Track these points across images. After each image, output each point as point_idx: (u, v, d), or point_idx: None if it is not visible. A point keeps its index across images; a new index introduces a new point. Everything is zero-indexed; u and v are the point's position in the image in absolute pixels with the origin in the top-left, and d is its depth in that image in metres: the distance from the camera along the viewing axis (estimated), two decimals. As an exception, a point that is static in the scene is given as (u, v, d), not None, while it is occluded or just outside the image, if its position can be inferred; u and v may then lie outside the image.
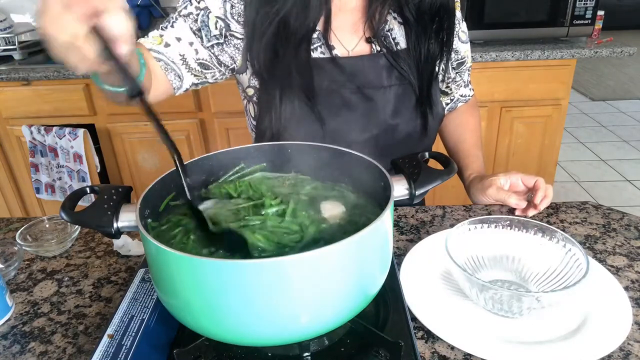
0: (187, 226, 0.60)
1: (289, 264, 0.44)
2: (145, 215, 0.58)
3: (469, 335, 0.60)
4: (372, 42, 0.90)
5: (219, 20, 0.86)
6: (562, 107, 2.00)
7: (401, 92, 0.90)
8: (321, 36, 0.87)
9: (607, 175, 3.10)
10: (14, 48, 2.12)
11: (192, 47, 0.86)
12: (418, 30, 0.88)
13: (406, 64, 0.89)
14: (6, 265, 0.77)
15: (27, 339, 0.65)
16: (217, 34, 0.87)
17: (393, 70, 0.89)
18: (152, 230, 0.59)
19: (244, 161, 0.69)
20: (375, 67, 0.88)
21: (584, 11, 1.97)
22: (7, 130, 2.06)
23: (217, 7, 0.86)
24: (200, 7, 0.86)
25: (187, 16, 0.86)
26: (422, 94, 0.91)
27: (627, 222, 0.86)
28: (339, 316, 0.50)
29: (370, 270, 0.52)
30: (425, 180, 0.56)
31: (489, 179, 0.92)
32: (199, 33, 0.86)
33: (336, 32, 0.89)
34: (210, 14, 0.86)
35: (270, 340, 0.50)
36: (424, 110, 0.92)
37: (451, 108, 1.10)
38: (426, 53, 0.89)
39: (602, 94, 4.53)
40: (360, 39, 0.90)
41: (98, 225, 0.54)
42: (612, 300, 0.65)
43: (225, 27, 0.87)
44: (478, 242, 0.73)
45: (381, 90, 0.89)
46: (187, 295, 0.49)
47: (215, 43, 0.87)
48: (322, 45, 0.88)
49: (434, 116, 0.94)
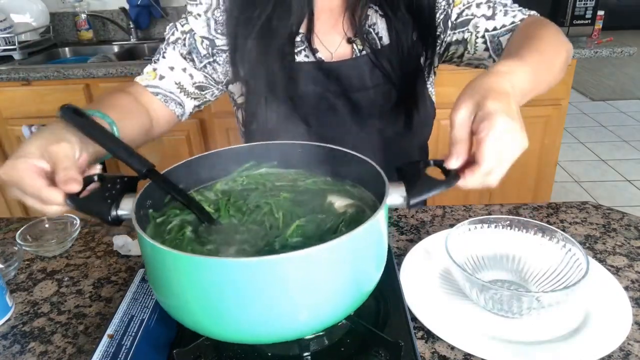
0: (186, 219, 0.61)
1: (284, 262, 0.44)
2: (146, 205, 0.59)
3: (469, 335, 0.60)
4: (354, 42, 0.87)
5: (204, 39, 0.88)
6: (562, 107, 2.00)
7: (386, 91, 0.88)
8: (304, 39, 0.86)
9: (607, 175, 3.10)
10: (14, 48, 2.12)
11: (187, 73, 0.89)
12: (398, 23, 0.85)
13: (389, 61, 0.86)
14: (6, 265, 0.77)
15: (27, 339, 0.65)
16: (206, 54, 0.89)
17: (376, 70, 0.87)
18: (152, 220, 0.60)
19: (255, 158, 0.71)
20: (358, 69, 0.87)
21: (584, 11, 1.97)
22: (7, 130, 2.06)
23: (201, 27, 0.88)
24: (185, 31, 0.88)
25: (175, 43, 0.88)
26: (406, 90, 0.88)
27: (627, 222, 0.86)
28: (335, 313, 0.51)
29: (365, 267, 0.52)
30: (421, 190, 0.54)
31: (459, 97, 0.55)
32: (189, 56, 0.88)
33: (319, 34, 0.87)
34: (196, 35, 0.88)
35: (268, 338, 0.50)
36: (408, 107, 0.89)
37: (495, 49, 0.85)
38: (409, 46, 0.86)
39: (602, 94, 4.53)
40: (342, 40, 0.88)
41: (96, 212, 0.54)
42: (612, 300, 0.65)
43: (210, 45, 0.88)
44: (478, 242, 0.73)
45: (365, 92, 0.87)
46: (183, 294, 0.49)
47: (206, 63, 0.89)
48: (306, 48, 0.87)
49: (420, 113, 0.91)
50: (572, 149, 3.48)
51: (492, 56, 0.86)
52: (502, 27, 0.84)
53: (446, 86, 1.67)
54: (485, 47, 0.85)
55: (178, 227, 0.60)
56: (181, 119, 0.93)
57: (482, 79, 0.55)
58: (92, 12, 2.45)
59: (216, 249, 0.56)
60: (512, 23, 0.83)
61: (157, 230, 0.59)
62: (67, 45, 2.43)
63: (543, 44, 0.67)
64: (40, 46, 2.31)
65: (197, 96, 0.92)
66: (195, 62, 0.89)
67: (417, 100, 0.90)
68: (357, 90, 0.87)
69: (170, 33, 0.89)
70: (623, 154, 3.37)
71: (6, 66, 2.02)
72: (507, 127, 0.50)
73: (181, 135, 2.03)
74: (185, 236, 0.58)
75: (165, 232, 0.59)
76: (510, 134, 0.51)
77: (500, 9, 0.85)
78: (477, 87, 0.53)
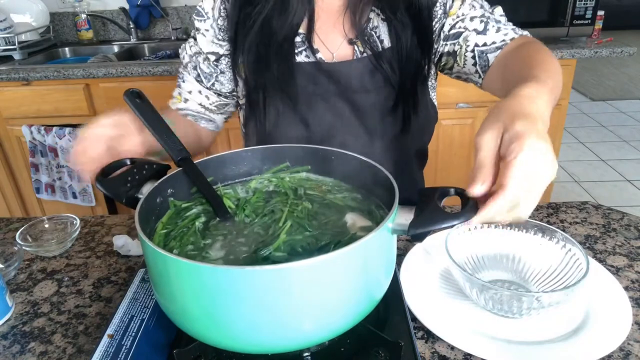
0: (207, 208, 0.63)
1: (290, 271, 0.44)
2: (167, 193, 0.62)
3: (469, 335, 0.60)
4: (355, 43, 0.87)
5: (210, 54, 0.90)
6: (562, 107, 2.00)
7: (386, 93, 0.88)
8: (305, 39, 0.86)
9: (607, 175, 3.10)
10: (14, 48, 2.12)
11: (203, 95, 0.93)
12: (398, 24, 0.85)
13: (389, 64, 0.86)
14: (6, 265, 0.77)
15: (27, 339, 0.65)
16: (210, 72, 0.91)
17: (376, 72, 0.86)
18: (172, 206, 0.63)
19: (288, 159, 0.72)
20: (359, 71, 0.86)
21: (584, 11, 1.97)
22: (7, 130, 2.06)
23: (206, 43, 0.90)
24: (192, 54, 0.92)
25: (186, 67, 0.93)
26: (405, 93, 0.87)
27: (627, 222, 0.86)
28: (343, 323, 0.50)
29: (374, 276, 0.52)
30: (424, 221, 0.49)
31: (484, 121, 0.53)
32: (199, 79, 0.92)
33: (320, 35, 0.87)
34: (200, 57, 0.91)
35: (272, 349, 0.50)
36: (406, 110, 0.88)
37: (483, 66, 0.85)
38: (409, 49, 0.85)
39: (602, 94, 4.53)
40: (343, 40, 0.88)
41: (113, 193, 0.58)
42: (612, 300, 0.65)
43: (215, 57, 0.90)
44: (478, 242, 0.73)
45: (365, 94, 0.87)
46: (185, 301, 0.48)
47: (214, 81, 0.92)
48: (307, 49, 0.87)
49: (421, 117, 0.90)
50: (572, 149, 3.48)
51: (479, 72, 0.85)
52: (492, 44, 0.83)
53: (446, 86, 1.68)
54: (474, 62, 0.85)
55: (195, 215, 0.62)
56: (217, 130, 0.99)
57: (507, 102, 0.53)
58: (92, 12, 2.45)
59: (210, 245, 0.57)
60: (502, 41, 0.83)
61: (176, 216, 0.62)
62: (67, 45, 2.43)
63: (551, 67, 0.66)
64: (40, 46, 2.32)
65: (221, 111, 0.96)
66: (204, 82, 0.92)
67: (418, 103, 0.89)
68: (357, 91, 0.87)
69: (182, 57, 0.93)
70: (623, 154, 3.37)
71: (6, 66, 2.02)
72: (539, 149, 0.46)
73: (181, 135, 2.03)
74: (194, 226, 0.60)
75: (182, 218, 0.62)
76: (543, 156, 0.46)
77: (492, 25, 0.85)
78: (503, 110, 0.51)
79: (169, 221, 0.61)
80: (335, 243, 0.56)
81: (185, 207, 0.63)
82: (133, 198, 0.57)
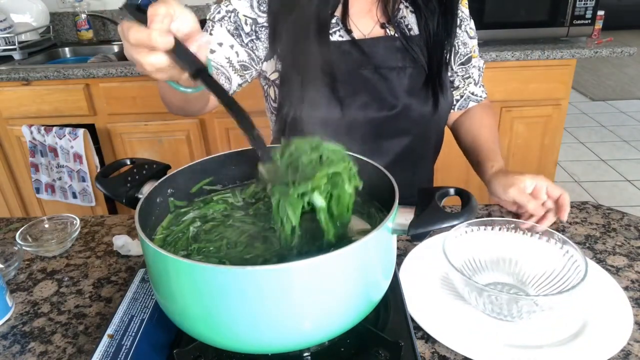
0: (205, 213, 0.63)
1: (290, 271, 0.44)
2: (167, 193, 0.62)
3: (468, 339, 0.60)
4: (387, 27, 0.95)
5: (247, 18, 0.92)
6: (562, 107, 2.00)
7: (415, 73, 0.94)
8: (339, 21, 0.93)
9: (607, 175, 3.10)
10: (14, 48, 2.12)
11: (233, 50, 0.92)
12: (427, 16, 0.94)
13: (418, 48, 0.94)
14: (6, 265, 0.77)
15: (27, 339, 0.65)
16: (249, 31, 0.92)
17: (406, 52, 0.93)
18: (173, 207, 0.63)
19: None
20: (390, 48, 0.93)
21: (584, 11, 1.97)
22: (7, 130, 2.06)
23: (244, 7, 0.92)
24: (230, 10, 0.92)
25: (221, 20, 0.92)
26: (433, 75, 0.95)
27: (627, 222, 0.86)
28: (342, 323, 0.50)
29: (374, 276, 0.52)
30: (424, 221, 0.50)
31: (514, 177, 0.84)
32: (236, 32, 0.92)
33: (353, 18, 0.94)
34: (239, 14, 0.92)
35: (272, 349, 0.50)
36: (435, 90, 0.95)
37: (462, 106, 1.08)
38: (435, 37, 0.94)
39: (602, 94, 4.53)
40: (375, 24, 0.95)
41: (113, 193, 0.58)
42: (612, 300, 0.65)
43: (253, 22, 0.92)
44: (476, 245, 0.72)
45: (396, 70, 0.93)
46: (185, 301, 0.48)
47: (250, 40, 0.93)
48: (341, 29, 0.93)
49: (445, 97, 0.97)
50: (572, 149, 3.48)
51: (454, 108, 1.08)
52: (475, 95, 1.08)
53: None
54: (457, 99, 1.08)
55: (190, 221, 0.62)
56: None
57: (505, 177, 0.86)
58: (92, 12, 2.44)
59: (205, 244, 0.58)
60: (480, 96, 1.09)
61: (174, 220, 0.62)
62: (67, 45, 2.43)
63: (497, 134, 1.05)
64: (40, 46, 2.31)
65: (241, 74, 0.95)
66: (242, 37, 0.92)
67: (444, 86, 0.96)
68: (388, 67, 0.93)
69: (215, 12, 0.93)
70: (623, 154, 3.37)
71: (6, 66, 2.02)
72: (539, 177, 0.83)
73: (181, 136, 2.03)
74: (188, 231, 0.60)
75: (178, 223, 0.62)
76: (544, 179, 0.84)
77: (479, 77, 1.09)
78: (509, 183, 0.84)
79: (168, 225, 0.61)
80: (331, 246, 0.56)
81: (183, 211, 0.63)
82: (133, 198, 0.57)
